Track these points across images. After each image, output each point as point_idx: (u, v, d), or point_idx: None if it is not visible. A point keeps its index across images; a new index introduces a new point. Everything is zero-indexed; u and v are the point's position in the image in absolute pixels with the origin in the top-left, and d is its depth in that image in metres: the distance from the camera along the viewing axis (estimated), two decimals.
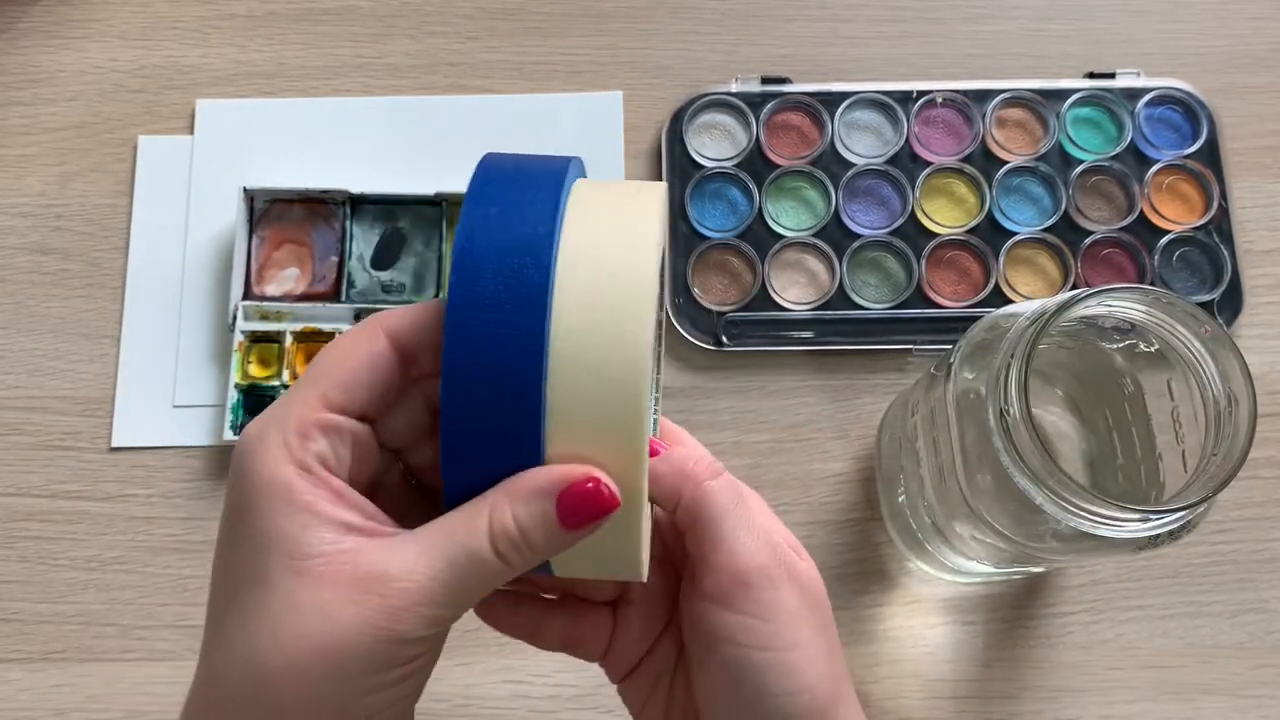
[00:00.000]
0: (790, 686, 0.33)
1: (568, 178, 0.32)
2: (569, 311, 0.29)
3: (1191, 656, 0.55)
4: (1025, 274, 0.60)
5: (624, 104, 0.63)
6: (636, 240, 0.31)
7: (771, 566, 0.34)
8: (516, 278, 0.29)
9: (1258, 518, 0.57)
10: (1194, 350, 0.42)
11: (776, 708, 0.33)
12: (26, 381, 0.58)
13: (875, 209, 0.61)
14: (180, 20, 0.64)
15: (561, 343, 0.29)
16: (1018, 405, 0.40)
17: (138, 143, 0.62)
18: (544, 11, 0.65)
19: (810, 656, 0.34)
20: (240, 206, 0.58)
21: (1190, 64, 0.64)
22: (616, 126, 0.62)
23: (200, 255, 0.60)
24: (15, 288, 0.59)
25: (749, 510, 0.35)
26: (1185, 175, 0.61)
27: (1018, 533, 0.44)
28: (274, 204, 0.60)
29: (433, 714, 0.54)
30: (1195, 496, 0.39)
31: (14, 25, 0.64)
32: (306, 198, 0.59)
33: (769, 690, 0.33)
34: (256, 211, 0.59)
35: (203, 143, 0.62)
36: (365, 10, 0.64)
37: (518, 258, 0.29)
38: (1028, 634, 0.55)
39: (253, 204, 0.59)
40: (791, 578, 0.34)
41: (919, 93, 0.62)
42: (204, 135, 0.62)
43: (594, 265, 0.30)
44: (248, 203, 0.59)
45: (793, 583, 0.34)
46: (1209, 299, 0.59)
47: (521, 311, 0.29)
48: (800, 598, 0.34)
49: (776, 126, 0.62)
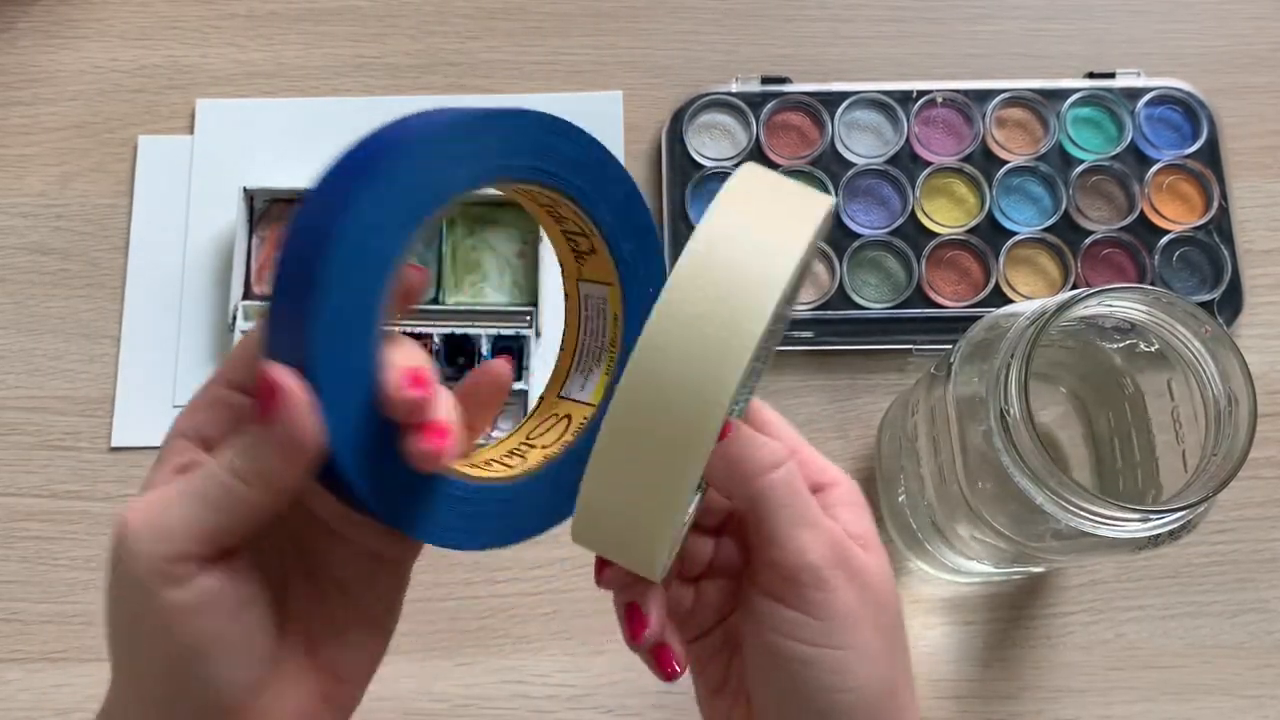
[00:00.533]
0: (835, 684, 0.33)
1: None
2: (686, 279, 0.29)
3: (1191, 656, 0.55)
4: (1025, 274, 0.60)
5: (624, 104, 0.63)
6: (787, 237, 0.30)
7: (825, 567, 0.33)
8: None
9: (1258, 518, 0.57)
10: (1194, 350, 0.42)
11: (818, 702, 0.33)
12: (26, 381, 0.58)
13: (875, 209, 0.61)
14: (180, 20, 0.64)
15: (667, 297, 0.29)
16: (1018, 405, 0.40)
17: (138, 142, 0.62)
18: (544, 11, 0.65)
19: (863, 657, 0.33)
20: (240, 206, 0.58)
21: (1190, 64, 0.64)
22: (617, 127, 0.62)
23: (200, 255, 0.60)
24: (15, 288, 0.59)
25: (807, 505, 0.34)
26: (1185, 175, 0.61)
27: (1018, 532, 0.44)
28: (274, 204, 0.60)
29: (433, 714, 0.54)
30: (1195, 496, 0.39)
31: (14, 25, 0.64)
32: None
33: (812, 685, 0.33)
34: (256, 211, 0.59)
35: (203, 142, 0.62)
36: (365, 10, 0.64)
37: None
38: (1028, 634, 0.55)
39: (253, 204, 0.59)
40: (852, 576, 0.33)
41: (919, 92, 0.62)
42: (204, 135, 0.62)
43: (731, 247, 0.30)
44: (248, 203, 0.59)
45: (852, 581, 0.33)
46: (1209, 299, 0.59)
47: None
48: (860, 596, 0.33)
49: (776, 126, 0.62)
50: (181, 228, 0.60)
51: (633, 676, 0.54)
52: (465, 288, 0.59)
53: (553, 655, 0.55)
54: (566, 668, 0.54)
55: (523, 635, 0.55)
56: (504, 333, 0.57)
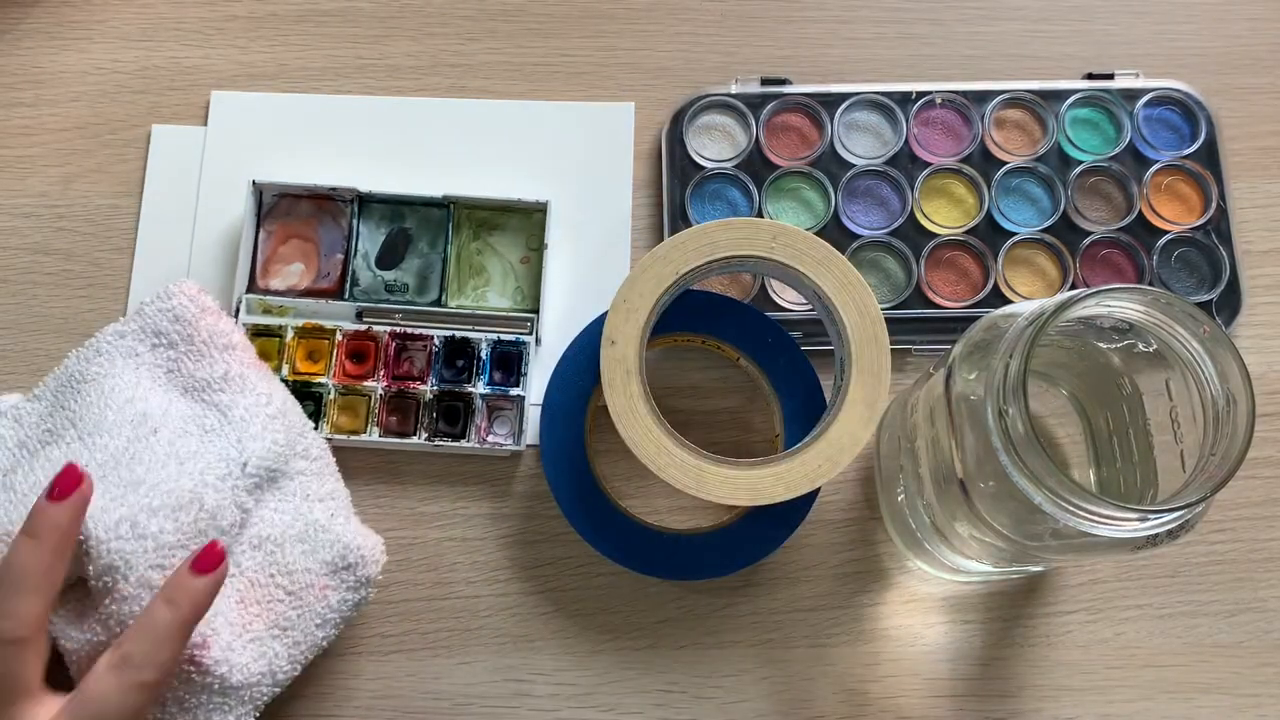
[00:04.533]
0: None
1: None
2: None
3: (1190, 655, 0.55)
4: (1024, 274, 0.60)
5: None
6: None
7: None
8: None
9: (1256, 517, 0.57)
10: (1192, 350, 0.42)
11: None
12: (29, 381, 0.58)
13: (874, 209, 0.61)
14: (182, 21, 0.64)
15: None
16: (1017, 405, 0.40)
17: (151, 131, 0.62)
18: (544, 13, 0.65)
19: None
20: (248, 200, 0.59)
21: (1189, 65, 0.64)
22: (627, 139, 0.62)
23: (207, 248, 0.60)
24: (18, 288, 0.60)
25: None
26: (1184, 176, 0.61)
27: (1017, 532, 0.44)
28: (282, 199, 0.60)
29: (433, 714, 0.54)
30: (1193, 496, 0.40)
31: (16, 26, 0.64)
32: (315, 194, 0.59)
33: None
34: (265, 205, 0.60)
35: (215, 135, 0.62)
36: (366, 11, 0.65)
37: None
38: (1027, 633, 0.55)
39: (261, 198, 0.59)
40: None
41: (918, 93, 0.62)
42: (217, 127, 0.62)
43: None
44: (256, 196, 0.59)
45: None
46: (1207, 299, 0.59)
47: None
48: None
49: (776, 127, 0.62)
50: (190, 218, 0.60)
51: (633, 675, 0.55)
52: (468, 291, 0.59)
53: (553, 654, 0.55)
54: (567, 667, 0.55)
55: (523, 634, 0.55)
56: (504, 337, 0.57)
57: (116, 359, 0.51)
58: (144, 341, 0.52)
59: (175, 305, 0.52)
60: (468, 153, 0.62)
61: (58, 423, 0.49)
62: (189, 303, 0.52)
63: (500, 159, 0.62)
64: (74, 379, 0.51)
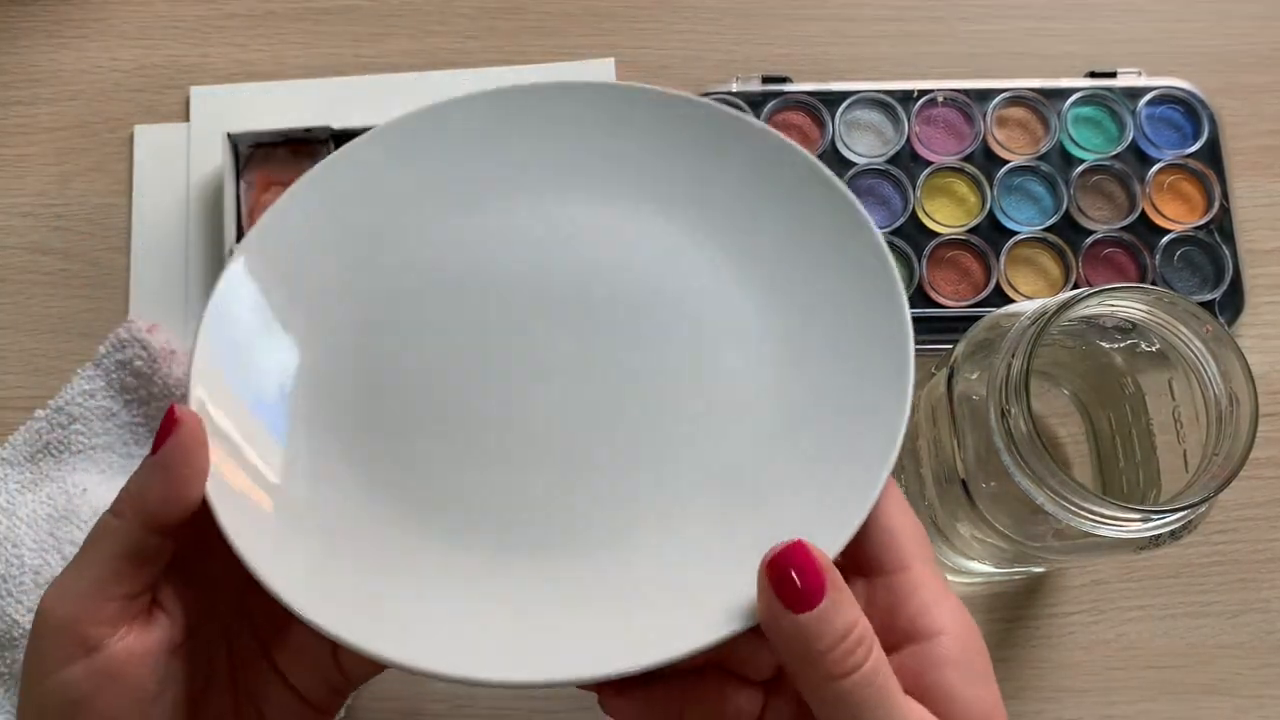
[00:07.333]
0: None
1: None
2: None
3: (1193, 656, 0.55)
4: (1026, 273, 0.60)
5: None
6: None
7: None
8: None
9: (1259, 518, 0.57)
10: (1195, 350, 0.42)
11: None
12: (27, 381, 0.58)
13: (876, 208, 0.61)
14: (180, 19, 0.64)
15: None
16: (1019, 404, 0.40)
17: (134, 131, 0.61)
18: (544, 11, 0.65)
19: None
20: (225, 154, 0.59)
21: (1192, 63, 0.64)
22: None
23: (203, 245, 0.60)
24: (15, 288, 0.59)
25: (896, 706, 0.30)
26: (1187, 174, 0.61)
27: (1019, 532, 0.44)
28: (258, 148, 0.60)
29: (433, 714, 0.54)
30: (1196, 496, 0.39)
31: (14, 25, 0.64)
32: (290, 139, 0.59)
33: None
34: (241, 157, 0.60)
35: (199, 130, 0.61)
36: (365, 9, 0.64)
37: None
38: (1028, 634, 0.55)
39: (237, 150, 0.60)
40: None
41: (920, 92, 0.62)
42: (200, 124, 0.62)
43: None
44: (232, 149, 0.59)
45: None
46: (1210, 299, 0.59)
47: None
48: None
49: (777, 126, 0.62)
50: (183, 218, 0.60)
51: None
52: None
53: None
54: None
55: None
56: None
57: (94, 423, 0.53)
58: (116, 399, 0.54)
59: (130, 356, 0.54)
60: None
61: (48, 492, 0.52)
62: (141, 351, 0.54)
63: None
64: (50, 447, 0.53)
